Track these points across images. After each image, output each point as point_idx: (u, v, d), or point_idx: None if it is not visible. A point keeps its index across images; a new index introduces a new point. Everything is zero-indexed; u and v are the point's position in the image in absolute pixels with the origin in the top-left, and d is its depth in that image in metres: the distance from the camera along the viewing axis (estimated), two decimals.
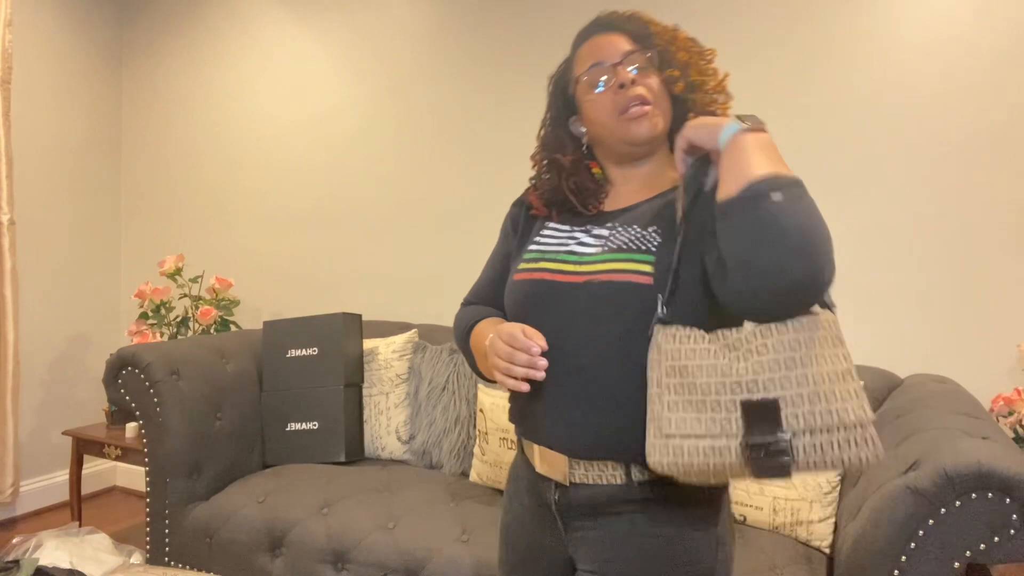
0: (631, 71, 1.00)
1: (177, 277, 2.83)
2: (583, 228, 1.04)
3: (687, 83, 1.02)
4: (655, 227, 0.97)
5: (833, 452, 0.77)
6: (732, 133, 0.86)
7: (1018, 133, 1.97)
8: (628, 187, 1.07)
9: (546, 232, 1.08)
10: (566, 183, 1.07)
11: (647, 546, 0.95)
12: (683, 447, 0.81)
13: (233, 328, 2.84)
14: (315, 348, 2.35)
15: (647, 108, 0.99)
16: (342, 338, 2.34)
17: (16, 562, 2.09)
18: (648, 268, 0.92)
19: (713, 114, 1.03)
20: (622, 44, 1.02)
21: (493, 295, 1.16)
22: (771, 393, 0.80)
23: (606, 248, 0.98)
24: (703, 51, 1.06)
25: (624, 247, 0.97)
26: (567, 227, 1.06)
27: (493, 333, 0.99)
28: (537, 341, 0.93)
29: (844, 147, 2.15)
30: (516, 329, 0.95)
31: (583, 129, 1.08)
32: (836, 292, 2.28)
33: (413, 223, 2.80)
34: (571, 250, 1.01)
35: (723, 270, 0.85)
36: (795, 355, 0.81)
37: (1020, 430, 1.82)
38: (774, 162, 0.84)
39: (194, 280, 2.88)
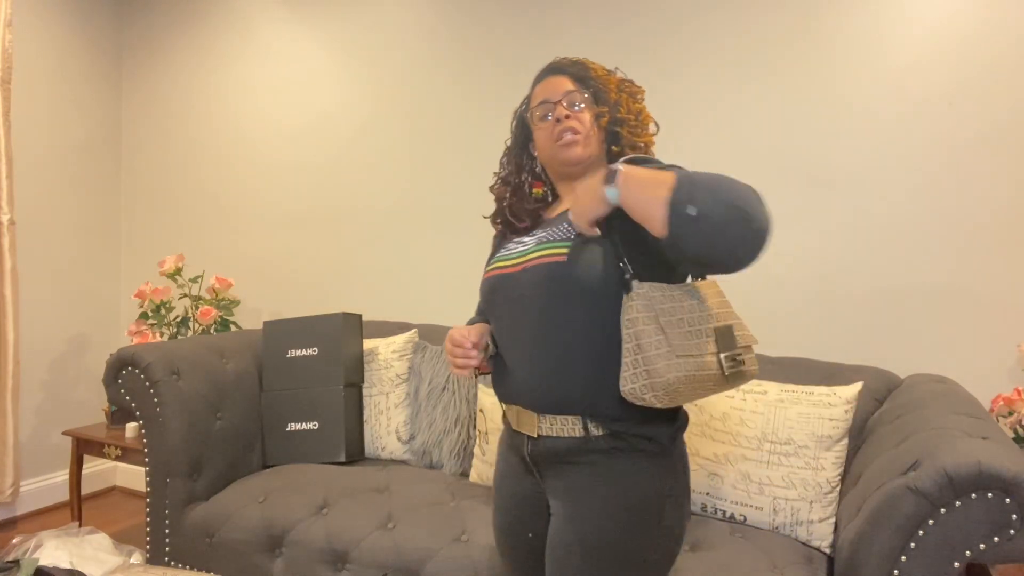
0: (575, 108, 1.25)
1: (177, 277, 2.83)
2: (530, 234, 1.30)
3: (613, 118, 1.26)
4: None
5: (754, 365, 1.12)
6: (614, 197, 1.07)
7: (1019, 133, 1.97)
8: (568, 198, 1.30)
9: (506, 246, 1.34)
10: (507, 210, 1.37)
11: (603, 492, 1.13)
12: (689, 363, 1.05)
13: (233, 328, 2.84)
14: (315, 348, 2.35)
15: (577, 137, 1.24)
16: (342, 338, 2.34)
17: (16, 562, 2.10)
18: (564, 251, 1.16)
19: (636, 146, 1.27)
20: (565, 85, 1.28)
21: None
22: (725, 321, 1.10)
23: (538, 242, 1.23)
24: (634, 91, 1.31)
25: (550, 239, 1.21)
26: (519, 237, 1.32)
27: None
28: (471, 339, 1.25)
29: (844, 148, 2.15)
30: (456, 332, 1.27)
31: (535, 153, 1.36)
32: (838, 293, 2.28)
33: (413, 223, 2.80)
34: (513, 251, 1.28)
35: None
36: (724, 298, 1.14)
37: (1020, 430, 1.82)
38: (652, 184, 1.04)
39: (194, 280, 2.88)
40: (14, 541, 2.26)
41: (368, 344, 2.47)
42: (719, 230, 0.97)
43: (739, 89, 2.27)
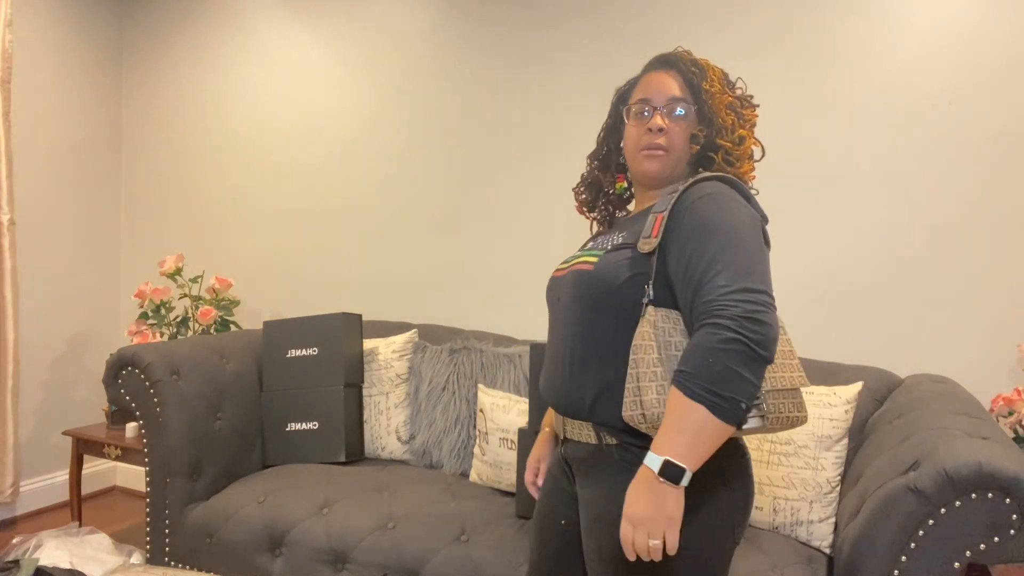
0: (674, 115, 1.18)
1: (177, 277, 2.83)
2: (594, 238, 1.30)
3: (710, 142, 1.19)
4: (622, 233, 1.20)
5: (784, 412, 1.04)
6: (688, 479, 0.97)
7: (1019, 133, 1.97)
8: (642, 205, 1.29)
9: (577, 251, 1.31)
10: (602, 199, 1.35)
11: (616, 510, 1.09)
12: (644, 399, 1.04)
13: (233, 328, 2.84)
14: (315, 348, 2.35)
15: (661, 155, 1.19)
16: (342, 338, 2.34)
17: (16, 562, 2.09)
18: (593, 260, 1.17)
19: (726, 168, 1.20)
20: (672, 88, 1.19)
21: None
22: None
23: (585, 248, 1.24)
24: (744, 113, 1.21)
25: (595, 247, 1.21)
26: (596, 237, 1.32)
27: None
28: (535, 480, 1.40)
29: (846, 147, 2.15)
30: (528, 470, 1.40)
31: (622, 144, 1.30)
32: (838, 293, 2.27)
33: (413, 223, 2.80)
34: (574, 254, 1.26)
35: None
36: None
37: (1020, 430, 1.82)
38: (703, 432, 0.96)
39: (194, 280, 2.88)
40: (14, 541, 2.26)
41: (368, 344, 2.47)
42: (756, 380, 0.98)
43: (748, 88, 2.27)
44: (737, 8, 2.27)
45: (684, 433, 0.96)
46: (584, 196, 1.39)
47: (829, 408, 1.74)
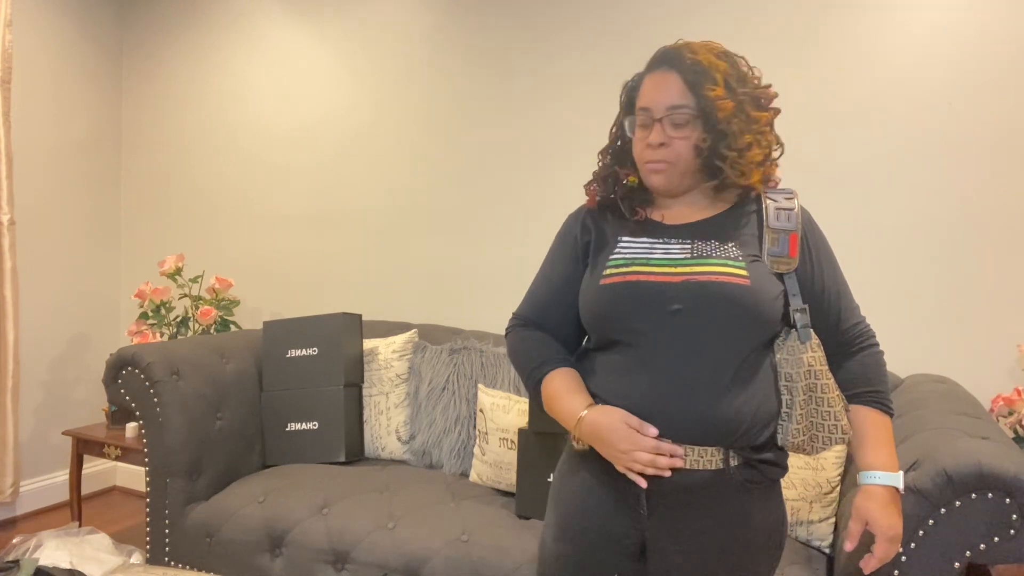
0: (675, 125, 1.09)
1: (177, 277, 2.83)
2: (661, 240, 1.14)
3: (714, 150, 1.09)
4: (732, 243, 1.11)
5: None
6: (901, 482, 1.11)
7: (1018, 134, 1.97)
8: (675, 210, 1.18)
9: (624, 244, 1.16)
10: (618, 192, 1.19)
11: (735, 535, 1.08)
12: (843, 425, 1.09)
13: (233, 328, 2.84)
14: (315, 348, 2.35)
15: (663, 167, 1.10)
16: (342, 338, 2.34)
17: (16, 562, 2.09)
18: (743, 273, 1.07)
19: (736, 178, 1.11)
20: (671, 94, 1.09)
21: (553, 310, 1.26)
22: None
23: (693, 254, 1.10)
24: (752, 115, 1.10)
25: (710, 254, 1.09)
26: (645, 239, 1.15)
27: (624, 442, 1.05)
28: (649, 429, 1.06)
29: (846, 147, 2.15)
30: (621, 426, 1.05)
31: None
32: None
33: (413, 223, 2.80)
34: (659, 256, 1.12)
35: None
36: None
37: (1020, 430, 1.82)
38: (893, 450, 1.15)
39: (194, 280, 2.88)
40: (14, 541, 2.26)
41: (368, 344, 2.47)
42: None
43: None
44: (736, 10, 2.27)
45: (891, 446, 1.12)
46: (600, 193, 1.24)
47: None
